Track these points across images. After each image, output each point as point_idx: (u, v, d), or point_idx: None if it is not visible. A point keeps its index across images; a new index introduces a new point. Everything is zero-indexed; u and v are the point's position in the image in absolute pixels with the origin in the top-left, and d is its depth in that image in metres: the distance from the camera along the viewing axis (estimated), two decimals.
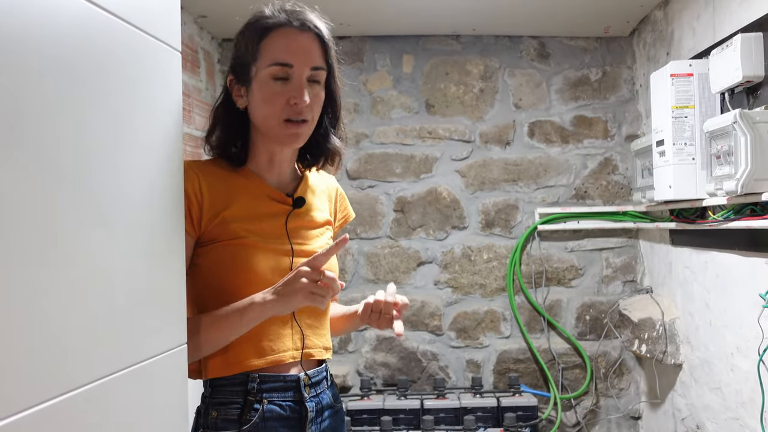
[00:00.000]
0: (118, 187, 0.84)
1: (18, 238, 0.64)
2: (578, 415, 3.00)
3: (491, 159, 3.05)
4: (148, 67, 0.94)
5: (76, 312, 0.74)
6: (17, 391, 0.63)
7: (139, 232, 0.89)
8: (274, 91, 1.22)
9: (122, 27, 0.86)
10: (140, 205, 0.90)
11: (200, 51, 2.79)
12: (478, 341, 3.03)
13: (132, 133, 0.89)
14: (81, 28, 0.77)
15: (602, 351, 3.02)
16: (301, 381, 1.26)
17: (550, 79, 3.06)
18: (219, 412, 1.20)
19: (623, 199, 3.04)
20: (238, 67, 1.26)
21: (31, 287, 0.66)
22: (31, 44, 0.68)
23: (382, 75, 3.06)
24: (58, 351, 0.70)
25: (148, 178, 0.93)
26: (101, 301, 0.79)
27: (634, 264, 3.03)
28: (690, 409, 2.47)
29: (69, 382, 0.72)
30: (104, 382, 0.78)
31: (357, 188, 3.05)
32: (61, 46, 0.73)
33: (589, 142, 3.05)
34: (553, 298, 3.03)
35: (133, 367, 0.86)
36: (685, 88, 2.17)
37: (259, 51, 1.23)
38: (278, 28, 1.23)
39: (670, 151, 2.20)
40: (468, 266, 3.04)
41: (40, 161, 0.69)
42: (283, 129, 1.23)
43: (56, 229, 0.71)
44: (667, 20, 2.60)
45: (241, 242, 1.22)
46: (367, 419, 2.70)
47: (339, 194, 1.48)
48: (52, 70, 0.71)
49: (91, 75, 0.79)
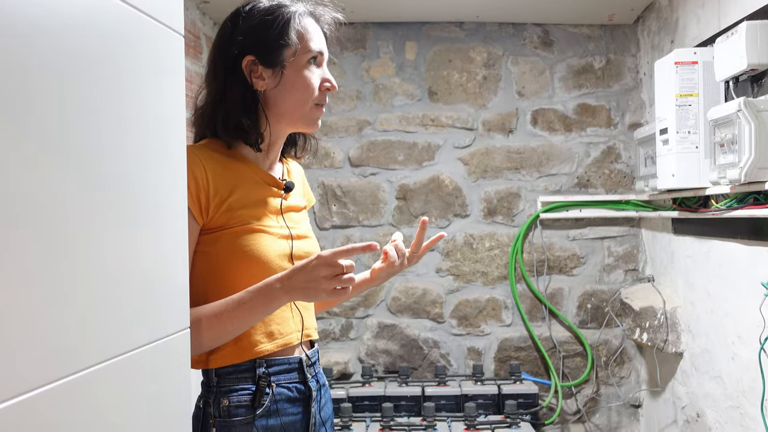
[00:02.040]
0: (122, 171, 0.84)
1: (20, 224, 0.64)
2: (579, 403, 3.01)
3: (494, 147, 3.04)
4: (151, 50, 0.94)
5: (77, 296, 0.74)
6: (22, 372, 0.63)
7: (141, 216, 0.89)
8: (313, 76, 1.28)
9: (125, 10, 0.86)
10: (143, 189, 0.90)
11: (202, 36, 2.78)
12: (479, 329, 3.04)
13: (135, 117, 0.88)
14: (84, 11, 0.77)
15: (603, 339, 3.02)
16: (303, 362, 1.30)
17: (553, 66, 3.05)
18: (230, 400, 1.21)
19: (626, 188, 3.03)
20: (265, 48, 1.25)
21: (33, 270, 0.66)
22: (36, 29, 0.67)
23: (385, 62, 3.05)
24: (57, 334, 0.70)
25: (152, 163, 0.93)
26: (102, 285, 0.79)
27: (635, 253, 3.03)
28: (690, 398, 2.48)
29: (68, 365, 0.72)
30: (105, 366, 0.78)
31: (359, 176, 3.05)
32: (65, 30, 0.73)
33: (592, 130, 3.04)
34: (555, 287, 3.03)
35: (135, 351, 0.86)
36: (689, 76, 2.16)
37: (297, 35, 1.25)
38: (310, 16, 1.30)
39: (673, 140, 2.19)
40: (470, 254, 3.04)
41: (45, 146, 0.68)
42: (313, 112, 1.30)
43: (60, 213, 0.71)
44: (672, 8, 2.59)
45: (249, 228, 1.22)
46: (368, 406, 2.72)
47: (304, 178, 1.52)
48: (57, 55, 0.71)
49: (95, 59, 0.79)
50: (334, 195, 3.04)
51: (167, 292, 0.97)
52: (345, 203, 3.04)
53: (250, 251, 1.22)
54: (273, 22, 1.25)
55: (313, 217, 3.05)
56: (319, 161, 3.04)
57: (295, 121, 1.30)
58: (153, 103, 0.94)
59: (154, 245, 0.93)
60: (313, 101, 1.28)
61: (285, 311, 1.29)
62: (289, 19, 1.25)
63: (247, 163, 1.29)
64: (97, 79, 0.79)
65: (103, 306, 0.79)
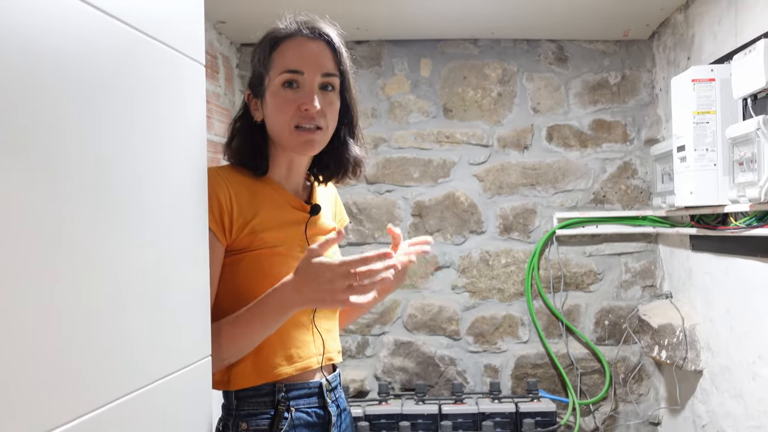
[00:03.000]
0: (145, 201, 0.85)
1: (40, 254, 0.65)
2: (597, 421, 2.99)
3: (509, 163, 3.04)
4: (173, 80, 0.95)
5: (98, 328, 0.74)
6: (37, 412, 0.64)
7: (163, 244, 0.90)
8: (285, 98, 1.24)
9: (149, 43, 0.87)
10: (165, 217, 0.91)
11: (219, 56, 2.80)
12: (495, 346, 3.02)
13: (158, 145, 0.89)
14: (110, 44, 0.78)
15: (621, 356, 3.00)
16: (323, 386, 1.29)
17: (568, 82, 3.04)
18: (249, 424, 1.21)
19: (642, 204, 3.02)
20: (254, 80, 1.30)
21: (53, 302, 0.66)
22: (62, 61, 0.69)
23: (400, 79, 3.06)
24: (80, 369, 0.70)
25: (174, 192, 0.94)
26: (125, 315, 0.80)
27: (653, 269, 3.01)
28: (711, 416, 2.45)
29: (92, 401, 0.72)
30: (129, 399, 0.79)
31: (375, 193, 3.05)
32: (91, 62, 0.74)
33: (608, 146, 3.03)
34: (572, 303, 3.02)
35: (159, 382, 0.86)
36: (706, 93, 2.15)
37: (271, 61, 1.25)
38: (289, 38, 1.26)
39: (691, 157, 2.18)
40: (486, 271, 3.03)
41: (71, 177, 0.69)
42: (294, 136, 1.24)
43: (80, 243, 0.71)
44: (688, 23, 2.58)
45: (272, 252, 1.23)
46: (385, 424, 2.71)
47: (337, 198, 1.52)
48: (83, 85, 0.72)
49: (119, 89, 0.80)
50: (350, 212, 3.04)
51: (189, 320, 0.98)
52: (361, 220, 3.05)
53: (271, 274, 1.21)
54: (256, 54, 1.30)
55: None
56: None
57: (285, 146, 1.28)
58: (174, 131, 0.95)
59: (176, 273, 0.93)
60: (290, 123, 1.24)
61: (305, 335, 1.28)
62: (267, 47, 1.27)
63: (272, 185, 1.30)
64: (121, 109, 0.80)
65: (125, 338, 0.79)
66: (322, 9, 1.33)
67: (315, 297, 1.12)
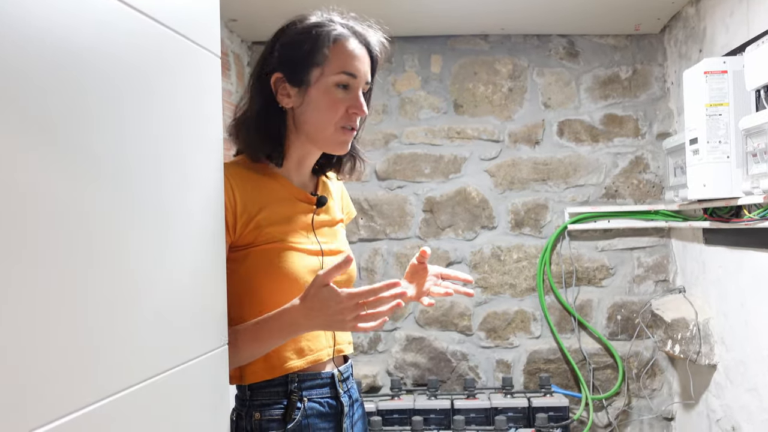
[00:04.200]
0: (162, 191, 0.86)
1: (63, 245, 0.66)
2: (610, 416, 2.98)
3: (520, 158, 3.04)
4: (190, 71, 0.96)
5: (118, 315, 0.75)
6: (60, 395, 0.65)
7: (180, 235, 0.91)
8: (338, 98, 1.24)
9: (167, 34, 0.88)
10: (182, 208, 0.92)
11: (230, 54, 2.82)
12: (508, 341, 3.02)
13: (175, 136, 0.90)
14: (131, 36, 0.79)
15: (634, 351, 2.99)
16: (335, 377, 1.31)
17: (579, 77, 3.04)
18: (262, 414, 1.22)
19: (655, 198, 3.01)
20: (293, 66, 1.25)
21: (73, 290, 0.67)
22: (85, 54, 0.70)
23: (411, 75, 3.07)
24: (100, 354, 0.71)
25: (191, 182, 0.95)
26: (143, 303, 0.81)
27: (666, 263, 3.00)
28: (725, 410, 2.44)
29: (112, 386, 0.73)
30: (147, 384, 0.80)
31: (386, 189, 3.06)
32: (113, 54, 0.75)
33: (619, 140, 3.02)
34: (584, 298, 3.01)
35: (176, 369, 0.87)
36: (719, 85, 2.14)
37: (327, 57, 1.23)
38: (348, 38, 1.26)
39: (704, 149, 2.17)
40: (497, 266, 3.03)
41: (90, 167, 0.70)
42: (338, 135, 1.26)
43: (101, 233, 0.72)
44: (699, 16, 2.57)
45: (277, 246, 1.23)
46: (397, 419, 2.71)
47: (344, 192, 1.51)
48: (104, 77, 0.73)
49: (141, 80, 0.81)
50: (361, 208, 3.05)
51: (206, 309, 0.99)
52: (372, 216, 3.05)
53: (278, 268, 1.22)
54: (305, 41, 1.25)
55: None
56: None
57: (318, 142, 1.29)
58: (191, 123, 0.96)
59: (192, 264, 0.94)
60: (337, 123, 1.25)
61: None
62: (321, 40, 1.24)
63: (278, 178, 1.30)
64: (142, 102, 0.81)
65: (144, 326, 0.80)
66: (333, 5, 1.33)
67: (323, 323, 1.15)
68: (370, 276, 3.04)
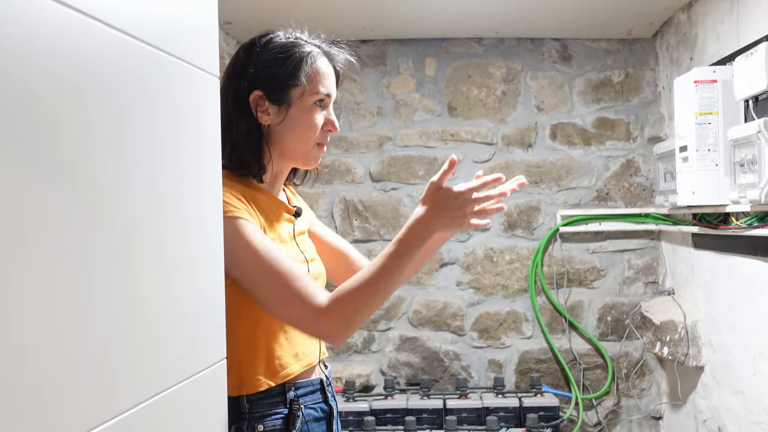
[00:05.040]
0: (159, 210, 0.88)
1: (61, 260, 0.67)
2: (599, 415, 3.03)
3: (513, 161, 3.07)
4: (188, 94, 0.98)
5: (115, 337, 0.76)
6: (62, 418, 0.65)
7: (178, 250, 0.93)
8: (316, 116, 1.30)
9: (164, 59, 0.90)
10: (181, 225, 0.94)
11: (226, 57, 2.83)
12: (500, 341, 3.06)
13: (173, 157, 0.93)
14: (128, 62, 0.81)
15: (624, 352, 3.04)
16: (323, 382, 1.36)
17: (572, 81, 3.07)
18: (265, 425, 1.25)
19: (645, 201, 3.05)
20: (274, 85, 1.28)
21: (74, 309, 0.68)
22: (83, 80, 0.72)
23: (405, 78, 3.09)
24: (96, 378, 0.72)
25: (188, 201, 0.97)
26: (146, 320, 0.83)
27: (656, 266, 3.04)
28: (712, 412, 2.49)
29: (114, 406, 0.74)
30: (150, 403, 0.82)
31: (380, 190, 3.09)
32: (109, 79, 0.77)
33: (611, 143, 3.06)
34: (575, 299, 3.05)
35: (176, 387, 0.89)
36: (708, 94, 2.17)
37: (307, 76, 1.28)
38: (322, 57, 1.32)
39: (693, 157, 2.21)
40: (490, 267, 3.07)
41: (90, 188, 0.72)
42: (315, 152, 1.34)
43: (99, 250, 0.73)
44: (691, 23, 2.60)
45: None
46: (390, 419, 2.75)
47: (301, 199, 1.55)
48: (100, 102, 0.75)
49: (135, 104, 0.83)
50: (355, 210, 3.08)
51: (204, 324, 1.01)
52: (366, 218, 3.08)
53: None
54: (285, 61, 1.28)
55: (335, 232, 3.08)
56: (341, 176, 3.08)
57: (296, 158, 1.34)
58: (188, 143, 0.98)
59: (190, 279, 0.97)
60: (315, 141, 1.32)
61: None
62: (302, 60, 1.28)
63: (263, 191, 1.33)
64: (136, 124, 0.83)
65: (140, 345, 0.83)
66: (328, 9, 1.36)
67: (447, 222, 1.24)
68: None
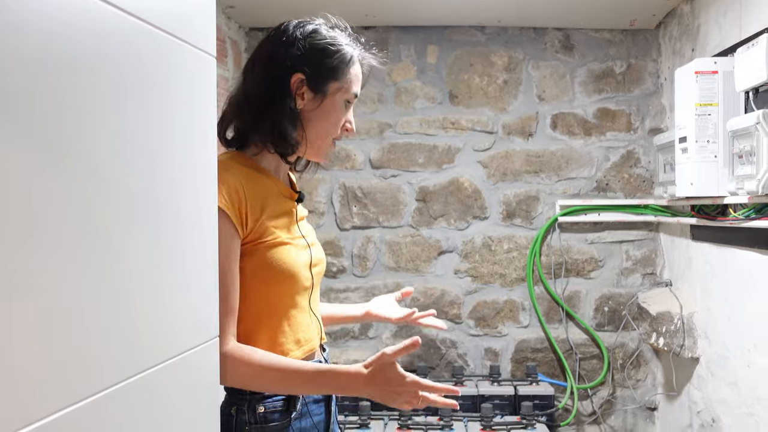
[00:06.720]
0: (155, 188, 0.89)
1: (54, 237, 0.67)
2: (594, 405, 3.04)
3: (513, 150, 3.07)
4: (185, 73, 0.99)
5: (108, 310, 0.77)
6: (50, 392, 0.66)
7: (171, 228, 0.93)
8: (342, 114, 1.35)
9: (162, 37, 0.91)
10: (174, 203, 0.94)
11: (228, 41, 2.83)
12: (496, 330, 3.08)
13: (169, 136, 0.93)
14: (126, 41, 0.82)
15: (620, 342, 3.04)
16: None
17: (574, 71, 3.06)
18: (266, 407, 1.26)
19: (645, 193, 3.04)
20: (318, 72, 1.30)
21: (64, 286, 0.69)
22: (80, 58, 0.72)
23: (407, 65, 3.09)
24: (90, 350, 0.73)
25: (184, 179, 0.97)
26: (134, 296, 0.84)
27: (654, 257, 3.04)
28: (706, 402, 2.50)
29: (100, 381, 0.74)
30: (138, 379, 0.82)
31: (380, 177, 3.09)
32: (107, 59, 0.77)
33: (612, 134, 3.05)
34: (572, 289, 3.06)
35: (166, 363, 0.90)
36: (709, 85, 2.17)
37: (347, 75, 1.33)
38: (360, 61, 1.37)
39: (692, 148, 2.21)
40: (488, 256, 3.07)
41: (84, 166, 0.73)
42: (329, 147, 1.37)
43: (92, 227, 0.74)
44: (694, 14, 2.59)
45: (278, 241, 1.28)
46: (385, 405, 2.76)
47: None
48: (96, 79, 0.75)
49: (132, 83, 0.83)
50: (354, 196, 3.08)
51: (197, 301, 1.02)
52: (365, 204, 3.09)
53: (282, 264, 1.27)
54: (334, 54, 1.31)
55: (334, 218, 3.10)
56: (341, 162, 3.09)
57: (311, 147, 1.35)
58: (185, 123, 0.98)
59: (183, 257, 0.97)
60: (334, 136, 1.36)
61: (307, 318, 1.35)
62: (349, 59, 1.33)
63: (269, 175, 1.34)
64: (134, 103, 0.84)
65: (134, 318, 0.83)
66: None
67: (379, 396, 1.22)
68: (362, 263, 3.08)
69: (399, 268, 3.08)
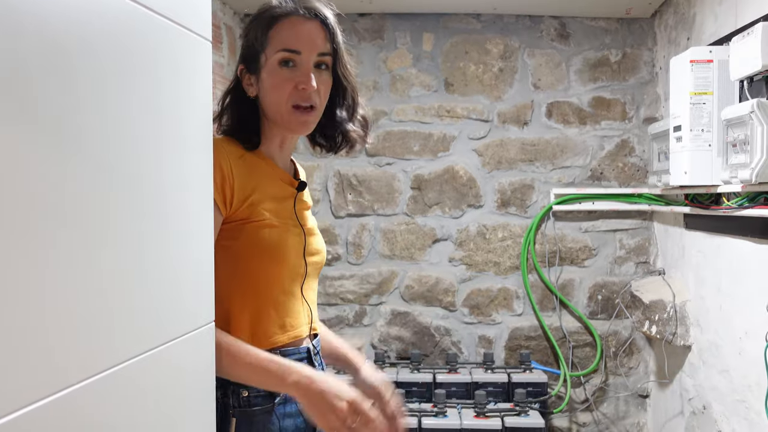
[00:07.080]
0: (151, 172, 0.89)
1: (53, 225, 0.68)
2: (587, 392, 3.06)
3: (509, 138, 3.07)
4: (181, 57, 0.98)
5: (105, 294, 0.77)
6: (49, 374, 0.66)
7: (168, 213, 0.93)
8: (283, 77, 1.27)
9: (159, 21, 0.90)
10: (171, 187, 0.94)
11: (223, 26, 2.82)
12: (490, 318, 3.09)
13: (164, 120, 0.93)
14: (123, 24, 0.81)
15: (613, 330, 3.06)
16: (311, 351, 1.36)
17: (569, 59, 3.06)
18: (250, 391, 1.26)
19: (639, 182, 3.05)
20: (248, 56, 1.31)
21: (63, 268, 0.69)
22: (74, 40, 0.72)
23: (402, 53, 3.08)
24: (84, 334, 0.73)
25: (180, 163, 0.97)
26: (129, 281, 0.83)
27: (647, 246, 3.06)
28: (697, 390, 2.52)
29: (97, 365, 0.74)
30: (134, 362, 0.83)
31: (375, 165, 3.09)
32: (104, 42, 0.77)
33: (606, 123, 3.06)
34: (566, 278, 3.07)
35: (161, 347, 0.90)
36: (704, 74, 2.17)
37: (268, 39, 1.28)
38: (286, 16, 1.28)
39: (687, 137, 2.21)
40: (483, 244, 3.08)
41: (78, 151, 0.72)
42: (292, 116, 1.28)
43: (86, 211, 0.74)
44: (689, 3, 2.59)
45: (268, 223, 1.27)
46: None
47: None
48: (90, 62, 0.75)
49: (129, 67, 0.83)
50: (349, 184, 3.08)
51: (193, 286, 1.02)
52: (360, 192, 3.09)
53: (270, 246, 1.27)
54: (252, 29, 1.31)
55: (329, 206, 3.10)
56: None
57: (280, 124, 1.32)
58: (181, 107, 0.98)
59: (180, 240, 0.97)
60: (288, 103, 1.27)
61: (297, 304, 1.34)
62: (264, 23, 1.29)
63: (265, 159, 1.34)
64: (131, 87, 0.84)
65: (130, 302, 0.83)
66: None
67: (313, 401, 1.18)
68: (357, 251, 3.09)
69: (394, 255, 3.08)
